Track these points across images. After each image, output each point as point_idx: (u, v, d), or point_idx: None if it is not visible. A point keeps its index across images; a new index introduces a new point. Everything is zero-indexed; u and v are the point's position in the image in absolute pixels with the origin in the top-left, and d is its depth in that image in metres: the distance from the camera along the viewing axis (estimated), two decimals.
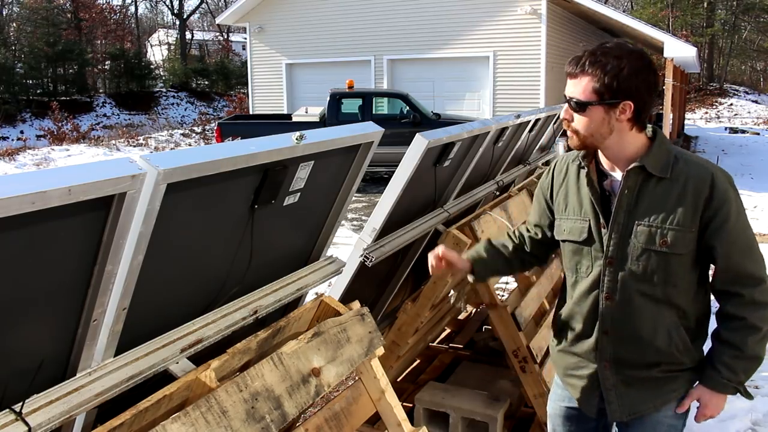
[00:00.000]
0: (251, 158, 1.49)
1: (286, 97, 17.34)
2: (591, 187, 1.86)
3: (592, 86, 1.73)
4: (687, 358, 1.85)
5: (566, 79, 1.80)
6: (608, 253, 1.83)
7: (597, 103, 1.74)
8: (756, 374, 4.13)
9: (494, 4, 14.66)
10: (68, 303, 1.31)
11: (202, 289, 1.70)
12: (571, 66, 1.77)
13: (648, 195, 1.78)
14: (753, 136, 21.53)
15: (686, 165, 1.78)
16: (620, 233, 1.81)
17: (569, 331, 1.99)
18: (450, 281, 3.15)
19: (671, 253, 1.76)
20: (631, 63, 1.72)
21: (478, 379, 3.55)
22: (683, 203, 1.74)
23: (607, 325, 1.87)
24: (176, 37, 38.32)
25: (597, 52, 1.74)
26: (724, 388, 1.82)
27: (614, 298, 1.84)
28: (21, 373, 1.29)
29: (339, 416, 1.95)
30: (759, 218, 9.27)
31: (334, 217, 2.14)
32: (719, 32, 34.88)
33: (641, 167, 1.78)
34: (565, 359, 2.03)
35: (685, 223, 1.74)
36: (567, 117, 1.81)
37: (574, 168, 1.94)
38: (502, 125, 3.27)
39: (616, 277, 1.83)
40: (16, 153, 16.15)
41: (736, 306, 1.78)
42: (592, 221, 1.86)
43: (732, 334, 1.79)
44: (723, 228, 1.73)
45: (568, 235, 1.92)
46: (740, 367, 1.79)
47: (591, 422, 2.06)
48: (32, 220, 1.09)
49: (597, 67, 1.72)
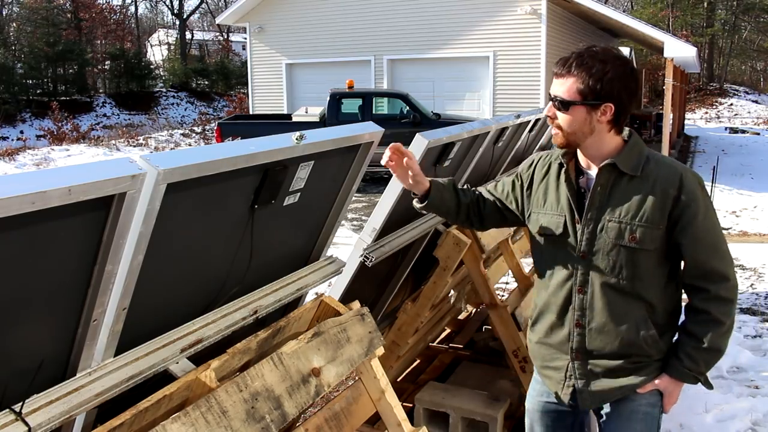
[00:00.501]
0: (251, 158, 1.49)
1: (286, 97, 17.34)
2: (568, 184, 1.95)
3: (577, 87, 1.81)
4: (655, 350, 1.92)
5: (554, 77, 1.88)
6: (581, 247, 1.91)
7: (580, 103, 1.82)
8: (756, 374, 4.15)
9: (494, 4, 14.66)
10: (68, 303, 1.31)
11: (202, 289, 1.70)
12: (559, 67, 1.85)
13: (619, 192, 1.87)
14: (753, 136, 21.53)
15: (657, 165, 1.87)
16: (592, 228, 1.90)
17: (544, 323, 2.06)
18: (450, 281, 3.15)
19: (640, 248, 1.84)
20: (615, 68, 1.81)
21: (478, 379, 3.55)
22: (652, 201, 1.83)
23: (578, 318, 1.95)
24: (176, 37, 38.31)
25: (584, 55, 1.82)
26: (685, 377, 1.91)
27: (586, 291, 1.93)
28: (21, 373, 1.29)
29: (339, 416, 1.95)
30: (759, 218, 9.27)
31: (334, 217, 2.14)
32: (719, 32, 34.88)
33: (613, 165, 1.87)
34: (541, 351, 2.09)
35: (653, 220, 1.83)
36: (550, 114, 1.89)
37: (555, 166, 2.03)
38: (502, 125, 3.27)
39: (587, 271, 1.91)
40: (16, 153, 16.15)
41: (701, 300, 1.87)
42: (567, 216, 1.94)
43: (696, 327, 1.88)
44: (690, 225, 1.82)
45: (545, 229, 2.00)
46: (701, 357, 1.88)
47: (569, 417, 2.12)
48: (32, 220, 1.09)
49: (582, 69, 1.80)
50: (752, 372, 4.25)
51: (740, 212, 9.72)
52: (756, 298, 5.85)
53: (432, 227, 2.93)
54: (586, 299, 1.92)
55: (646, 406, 1.94)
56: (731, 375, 4.23)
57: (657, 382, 1.93)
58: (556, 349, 2.03)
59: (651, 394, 1.94)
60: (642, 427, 1.94)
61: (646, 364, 1.92)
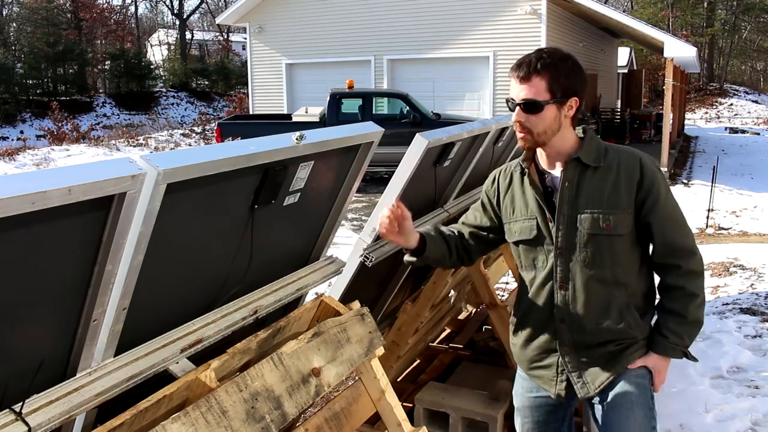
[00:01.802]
0: (251, 158, 1.49)
1: (286, 97, 17.34)
2: (534, 186, 1.98)
3: (546, 86, 1.85)
4: (638, 332, 1.98)
5: (514, 83, 1.90)
6: (558, 244, 1.94)
7: (551, 101, 1.86)
8: (756, 374, 4.15)
9: (494, 4, 14.66)
10: (68, 303, 1.31)
11: (202, 289, 1.70)
12: (521, 70, 1.87)
13: (586, 184, 1.92)
14: (753, 136, 21.54)
15: (616, 153, 1.95)
16: (566, 224, 1.92)
17: (528, 325, 2.08)
18: (450, 281, 3.16)
19: (614, 234, 1.89)
20: (572, 64, 1.89)
21: (478, 379, 3.55)
22: (619, 187, 1.89)
23: (562, 314, 1.97)
24: (176, 37, 38.32)
25: (543, 56, 1.87)
26: (673, 352, 1.97)
27: (567, 287, 1.96)
28: (21, 373, 1.29)
29: (339, 416, 1.95)
30: (759, 218, 9.27)
31: (334, 217, 2.14)
32: (719, 32, 34.90)
33: (577, 159, 1.92)
34: (527, 353, 2.11)
35: (622, 205, 1.89)
36: (521, 119, 1.89)
37: (517, 174, 2.06)
38: (502, 125, 3.27)
39: (567, 266, 1.94)
40: (16, 153, 16.15)
41: (675, 277, 1.94)
42: (539, 218, 1.97)
43: (674, 303, 1.94)
44: (656, 206, 1.89)
45: (520, 236, 2.02)
46: (685, 331, 1.94)
47: (560, 410, 2.15)
48: (32, 220, 1.09)
49: (549, 68, 1.85)
50: (752, 372, 4.25)
51: (740, 212, 9.71)
52: (756, 298, 5.85)
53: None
54: (568, 294, 1.95)
55: (636, 378, 1.98)
56: (731, 375, 4.23)
57: (646, 360, 1.98)
58: (544, 349, 2.05)
59: (639, 368, 1.99)
60: (635, 396, 1.97)
61: (632, 344, 1.98)
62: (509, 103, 1.93)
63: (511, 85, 1.93)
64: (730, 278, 6.47)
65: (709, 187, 9.30)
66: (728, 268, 6.83)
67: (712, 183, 9.44)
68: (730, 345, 4.55)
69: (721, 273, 6.60)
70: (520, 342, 2.13)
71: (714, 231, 8.51)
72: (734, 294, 5.98)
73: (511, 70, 1.92)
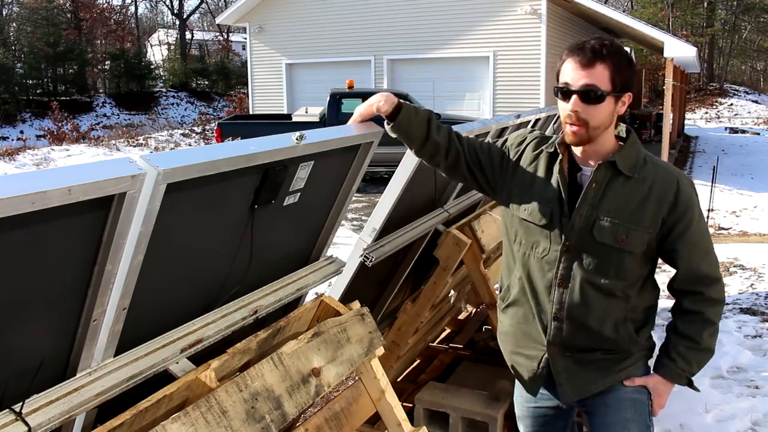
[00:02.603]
0: (251, 158, 1.49)
1: (286, 97, 17.33)
2: (561, 176, 1.86)
3: (609, 76, 1.71)
4: (633, 346, 1.91)
5: (573, 68, 1.73)
6: (566, 241, 1.84)
7: (612, 93, 1.73)
8: (756, 374, 4.15)
9: (494, 4, 14.65)
10: (68, 303, 1.31)
11: (202, 289, 1.70)
12: (584, 54, 1.71)
13: (614, 191, 1.81)
14: (753, 136, 21.53)
15: (654, 168, 1.83)
16: (581, 225, 1.83)
17: (519, 309, 1.99)
18: (450, 281, 3.15)
19: (627, 251, 1.81)
20: (629, 56, 1.76)
21: (478, 379, 3.55)
22: (646, 205, 1.79)
23: (557, 311, 1.89)
24: (176, 37, 38.30)
25: (606, 43, 1.73)
26: (678, 378, 1.90)
27: (567, 286, 1.87)
28: (21, 373, 1.29)
29: (339, 416, 1.95)
30: (759, 218, 9.27)
31: (334, 217, 2.14)
32: (719, 32, 34.89)
33: (612, 163, 1.81)
34: (515, 336, 2.02)
35: (644, 224, 1.79)
36: (578, 109, 1.73)
37: (546, 154, 1.92)
38: (502, 125, 3.27)
39: (571, 266, 1.85)
40: (16, 153, 16.15)
41: (693, 302, 1.86)
42: (555, 208, 1.86)
43: (688, 327, 1.87)
44: (686, 233, 1.80)
45: (529, 216, 1.90)
46: (694, 358, 1.87)
47: (560, 420, 2.10)
48: (32, 220, 1.09)
49: (613, 56, 1.71)
50: (752, 372, 4.25)
51: (740, 212, 9.72)
52: (756, 298, 5.85)
53: (432, 227, 2.93)
54: (566, 294, 1.87)
55: (632, 393, 1.92)
56: (731, 375, 4.23)
57: (647, 380, 1.92)
58: (531, 338, 1.96)
59: (637, 386, 1.93)
60: (631, 413, 1.91)
61: (624, 357, 1.91)
62: (560, 90, 1.75)
63: (565, 69, 1.75)
64: (730, 278, 6.47)
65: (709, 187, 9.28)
66: (728, 268, 6.84)
67: (712, 183, 9.43)
68: (730, 345, 4.55)
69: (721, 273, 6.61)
70: (509, 322, 2.03)
71: (714, 231, 8.51)
72: (734, 294, 5.98)
73: (570, 54, 1.74)
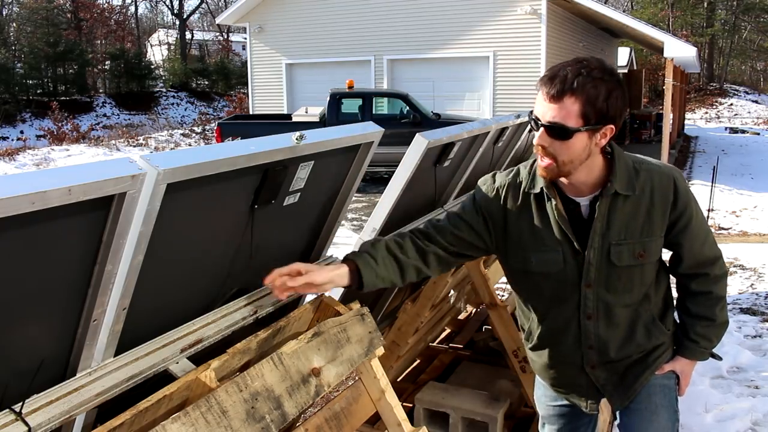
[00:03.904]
0: (251, 158, 1.49)
1: (286, 97, 17.34)
2: (561, 218, 1.79)
3: (579, 110, 1.59)
4: (664, 337, 1.96)
5: (542, 99, 1.63)
6: (587, 277, 1.81)
7: (583, 128, 1.61)
8: (756, 374, 4.15)
9: (494, 4, 14.66)
10: (68, 303, 1.31)
11: (202, 289, 1.70)
12: (552, 87, 1.60)
13: (618, 214, 1.77)
14: (753, 136, 21.54)
15: (648, 174, 1.78)
16: (598, 257, 1.79)
17: (549, 349, 1.98)
18: (450, 281, 3.15)
19: (648, 263, 1.83)
20: (614, 84, 1.62)
21: (478, 379, 3.55)
22: (652, 214, 1.79)
23: (590, 341, 1.90)
24: (176, 37, 38.32)
25: (582, 72, 1.59)
26: (702, 356, 1.97)
27: (595, 317, 1.87)
28: (21, 373, 1.29)
29: (339, 416, 1.95)
30: (759, 218, 9.27)
31: (334, 217, 2.14)
32: (719, 32, 34.90)
33: (613, 192, 1.74)
34: (550, 373, 2.04)
35: (656, 231, 1.81)
36: (544, 143, 1.65)
37: (532, 198, 1.82)
38: (502, 125, 3.27)
39: (596, 298, 1.84)
40: (16, 153, 16.15)
41: (701, 283, 1.91)
42: (565, 250, 1.81)
43: (701, 308, 1.92)
44: (688, 227, 1.83)
45: (541, 267, 1.84)
46: (713, 333, 1.93)
47: (585, 415, 2.12)
48: (32, 220, 1.09)
49: (584, 89, 1.58)
50: (752, 372, 4.25)
51: (740, 212, 9.71)
52: (756, 298, 5.85)
53: None
54: (596, 324, 1.87)
55: (661, 379, 1.97)
56: (731, 375, 4.23)
57: (674, 365, 1.97)
58: (570, 369, 1.97)
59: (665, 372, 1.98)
60: (660, 398, 1.96)
61: (660, 351, 1.96)
62: (532, 120, 1.67)
63: (538, 99, 1.65)
64: (730, 278, 6.47)
65: (709, 187, 9.28)
66: (728, 268, 6.84)
67: (712, 183, 9.43)
68: (730, 345, 4.55)
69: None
70: (542, 361, 2.03)
71: (714, 231, 8.51)
72: (734, 294, 5.98)
73: (541, 83, 1.63)
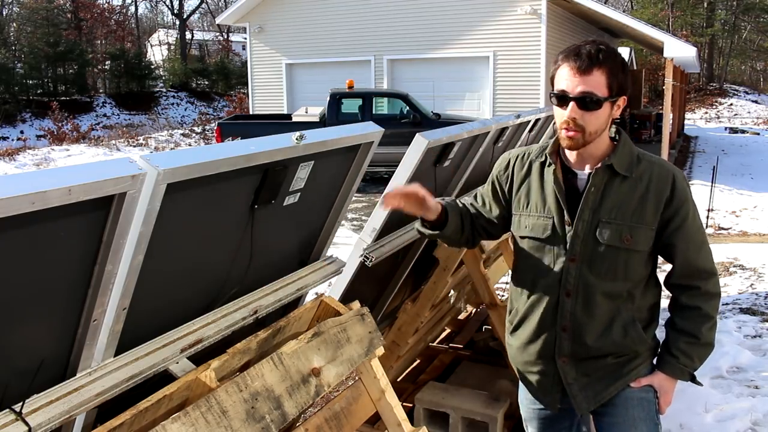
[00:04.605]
0: (251, 158, 1.49)
1: (286, 97, 17.33)
2: (557, 185, 1.86)
3: (606, 81, 1.71)
4: (641, 346, 1.91)
5: (569, 74, 1.72)
6: (572, 250, 1.84)
7: (608, 98, 1.73)
8: (756, 374, 4.15)
9: (494, 4, 14.66)
10: (68, 303, 1.31)
11: (202, 289, 1.70)
12: (581, 60, 1.71)
13: (613, 193, 1.81)
14: (753, 136, 21.53)
15: (649, 164, 1.84)
16: (585, 231, 1.82)
17: (527, 328, 1.98)
18: (450, 281, 3.15)
19: (633, 250, 1.81)
20: (623, 60, 1.76)
21: (478, 379, 3.55)
22: (646, 202, 1.80)
23: (565, 322, 1.88)
24: (176, 37, 38.31)
25: (601, 48, 1.72)
26: (681, 374, 1.90)
27: (574, 295, 1.86)
28: (21, 373, 1.29)
29: (339, 416, 1.95)
30: (759, 218, 9.27)
31: (334, 217, 2.14)
32: (719, 32, 34.90)
33: (609, 165, 1.81)
34: (523, 356, 2.02)
35: (647, 220, 1.80)
36: (575, 116, 1.73)
37: (536, 165, 1.92)
38: (502, 125, 3.27)
39: (578, 274, 1.84)
40: (16, 153, 16.15)
41: (691, 297, 1.87)
42: (556, 218, 1.86)
43: (687, 323, 1.87)
44: (682, 227, 1.81)
45: (530, 232, 1.91)
46: (696, 353, 1.87)
47: (565, 421, 2.08)
48: (32, 220, 1.09)
49: (609, 61, 1.71)
50: (752, 372, 4.25)
51: (740, 212, 9.71)
52: (756, 298, 5.85)
53: None
54: (574, 303, 1.86)
55: (639, 392, 1.92)
56: (731, 375, 4.23)
57: (652, 378, 1.92)
58: (540, 355, 1.96)
59: (643, 386, 1.93)
60: (639, 411, 1.91)
61: (633, 358, 1.91)
62: (557, 96, 1.75)
63: (562, 76, 1.74)
64: (730, 278, 6.47)
65: (709, 187, 9.29)
66: (728, 268, 6.83)
67: (712, 183, 9.43)
68: (730, 345, 4.55)
69: (721, 273, 6.60)
70: (517, 344, 2.03)
71: (714, 231, 8.51)
72: (734, 294, 5.98)
73: (565, 60, 1.73)
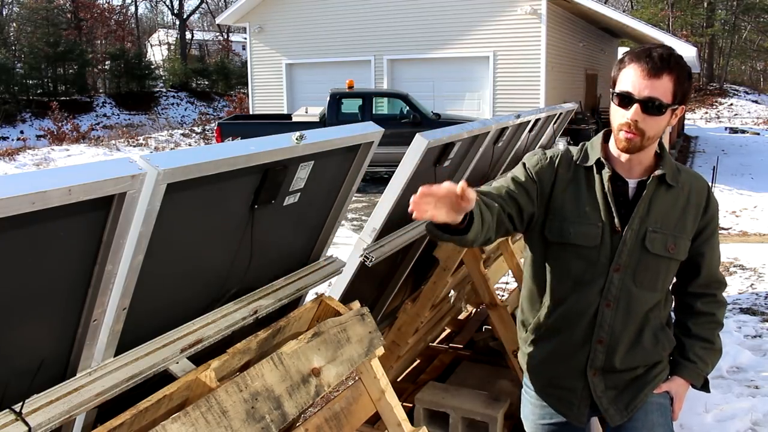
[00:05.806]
0: (251, 158, 1.49)
1: (286, 97, 17.34)
2: (609, 190, 1.80)
3: (672, 87, 1.68)
4: (667, 351, 1.95)
5: (638, 76, 1.67)
6: (617, 259, 1.80)
7: (671, 105, 1.69)
8: (756, 374, 4.15)
9: (494, 4, 14.66)
10: (68, 303, 1.31)
11: (202, 289, 1.70)
12: (653, 63, 1.66)
13: (659, 202, 1.81)
14: (753, 136, 21.54)
15: (687, 175, 1.88)
16: (633, 240, 1.79)
17: (556, 340, 1.91)
18: (450, 281, 3.15)
19: (675, 259, 1.84)
20: (689, 68, 1.73)
21: (478, 379, 3.55)
22: (687, 211, 1.83)
23: (603, 334, 1.83)
24: (176, 37, 38.32)
25: (673, 53, 1.69)
26: (697, 378, 1.94)
27: (614, 306, 1.82)
28: (21, 373, 1.29)
29: (339, 416, 1.95)
30: (759, 218, 9.27)
31: (334, 217, 2.14)
32: (719, 32, 34.91)
33: (661, 176, 1.80)
34: (548, 369, 1.95)
35: (688, 230, 1.84)
36: (638, 119, 1.68)
37: (582, 171, 1.84)
38: (502, 125, 3.27)
39: (621, 285, 1.81)
40: (16, 153, 16.15)
41: (706, 304, 1.94)
42: (606, 226, 1.80)
43: (702, 329, 1.94)
44: (712, 237, 1.88)
45: (576, 239, 1.81)
46: (710, 358, 1.94)
47: None
48: (32, 220, 1.09)
49: (678, 68, 1.68)
50: (752, 372, 4.25)
51: (740, 212, 9.71)
52: (756, 298, 5.86)
53: None
54: (613, 314, 1.82)
55: (658, 397, 1.93)
56: (731, 375, 4.23)
57: (670, 384, 1.93)
58: (571, 368, 1.89)
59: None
60: (658, 417, 1.91)
61: (657, 364, 1.92)
62: (619, 97, 1.69)
63: (627, 76, 1.68)
64: (730, 278, 6.47)
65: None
66: (728, 268, 6.83)
67: (712, 183, 9.44)
68: (730, 345, 4.55)
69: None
70: (541, 356, 1.94)
71: None
72: (734, 294, 5.98)
73: (634, 60, 1.68)
